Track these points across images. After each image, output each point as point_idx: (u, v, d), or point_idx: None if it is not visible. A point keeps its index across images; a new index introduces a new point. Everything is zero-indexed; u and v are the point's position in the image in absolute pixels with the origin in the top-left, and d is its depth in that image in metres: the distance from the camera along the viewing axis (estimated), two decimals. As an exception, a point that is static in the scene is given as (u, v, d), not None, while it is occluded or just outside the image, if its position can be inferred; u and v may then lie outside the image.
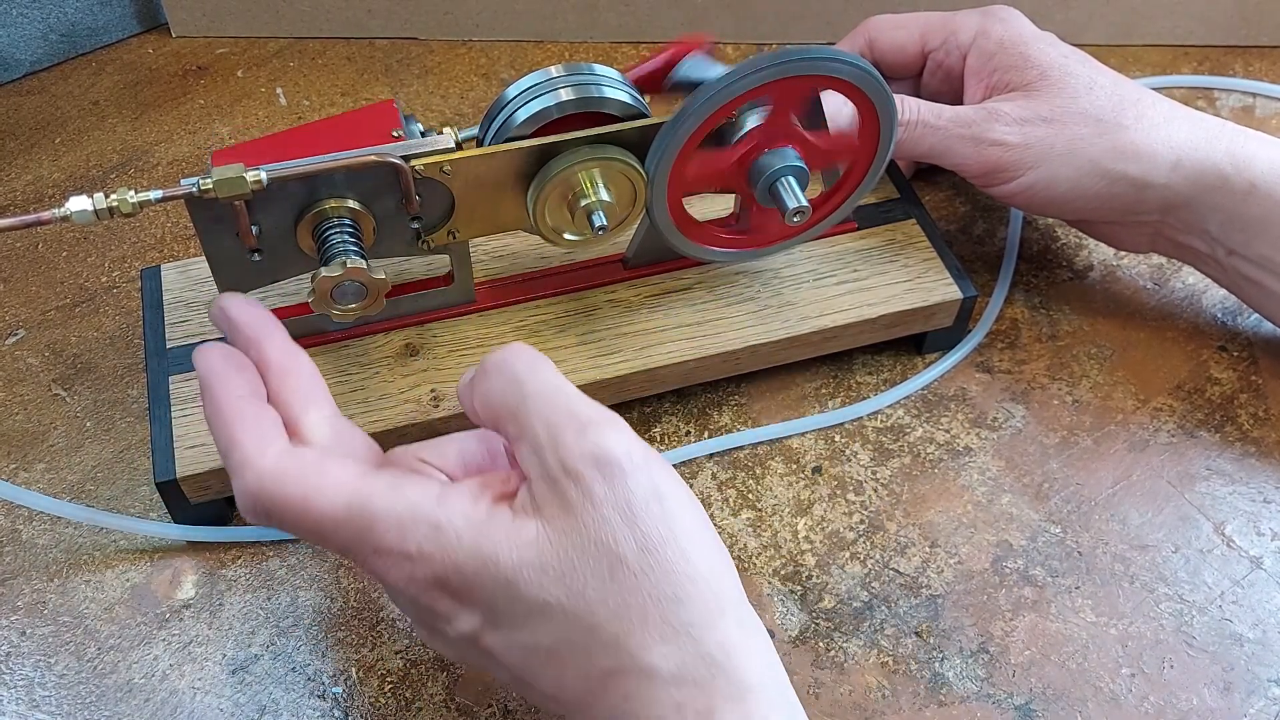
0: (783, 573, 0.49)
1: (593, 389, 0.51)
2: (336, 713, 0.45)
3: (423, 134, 0.46)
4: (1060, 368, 0.56)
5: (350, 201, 0.45)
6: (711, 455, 0.52)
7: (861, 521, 0.50)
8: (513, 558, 0.35)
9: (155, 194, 0.43)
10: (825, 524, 0.50)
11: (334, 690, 0.45)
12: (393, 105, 0.47)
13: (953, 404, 0.55)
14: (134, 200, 0.42)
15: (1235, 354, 0.57)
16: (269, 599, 0.48)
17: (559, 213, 0.48)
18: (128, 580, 0.48)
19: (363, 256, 0.45)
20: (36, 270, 0.60)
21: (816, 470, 0.52)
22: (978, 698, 0.45)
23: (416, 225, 0.47)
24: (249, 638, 0.47)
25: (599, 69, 0.48)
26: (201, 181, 0.42)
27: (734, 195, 0.52)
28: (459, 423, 0.49)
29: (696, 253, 0.52)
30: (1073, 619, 0.48)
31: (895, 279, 0.54)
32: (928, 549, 0.50)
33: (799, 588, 0.48)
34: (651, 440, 0.53)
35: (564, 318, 0.52)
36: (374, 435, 0.48)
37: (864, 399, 0.54)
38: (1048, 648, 0.47)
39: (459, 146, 0.46)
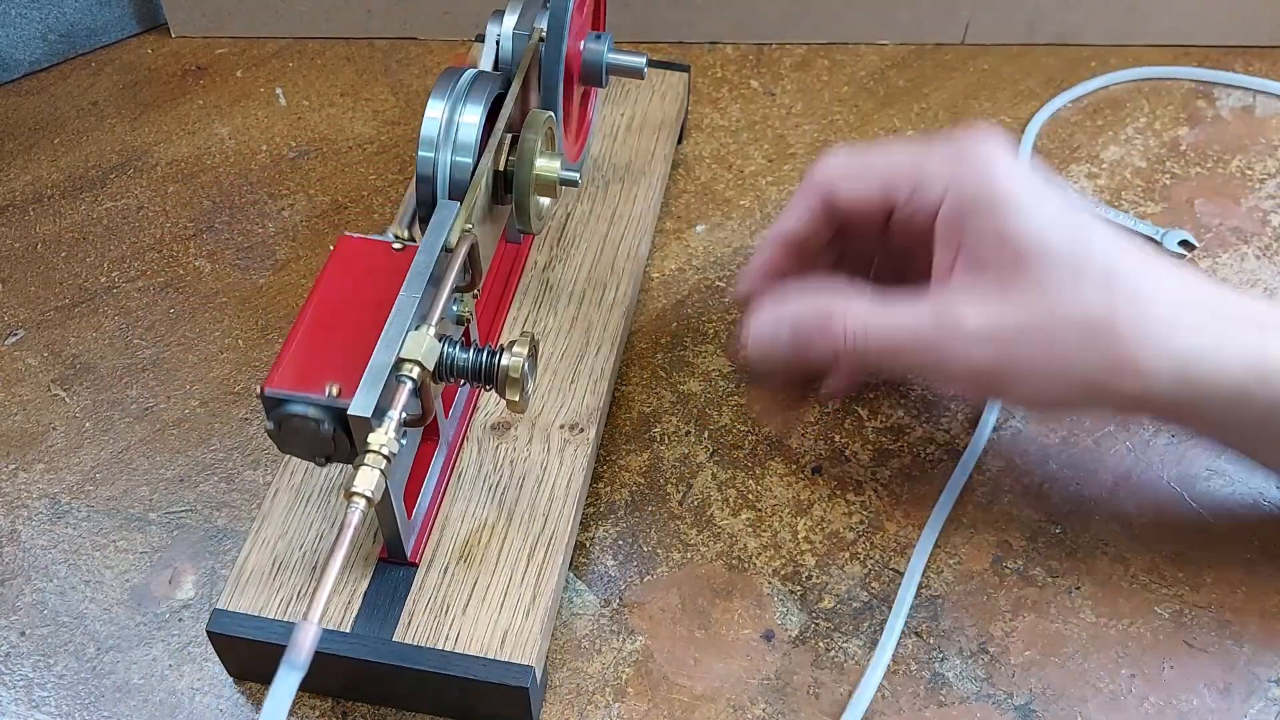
0: (783, 573, 0.49)
1: None
2: (336, 712, 0.45)
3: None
4: (1060, 368, 0.56)
5: None
6: (711, 455, 0.52)
7: (861, 521, 0.50)
8: None
9: None
10: (825, 524, 0.50)
11: (333, 691, 0.45)
12: None
13: (953, 404, 0.54)
14: None
15: (1235, 354, 0.57)
16: (268, 599, 0.48)
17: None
18: (127, 581, 0.48)
19: None
20: (36, 270, 0.60)
21: (816, 470, 0.52)
22: (978, 698, 0.45)
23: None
24: (248, 638, 0.47)
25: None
26: None
27: None
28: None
29: None
30: (1073, 619, 0.48)
31: None
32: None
33: (799, 588, 0.48)
34: (651, 440, 0.53)
35: None
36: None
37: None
38: (1048, 648, 0.47)
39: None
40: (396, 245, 0.43)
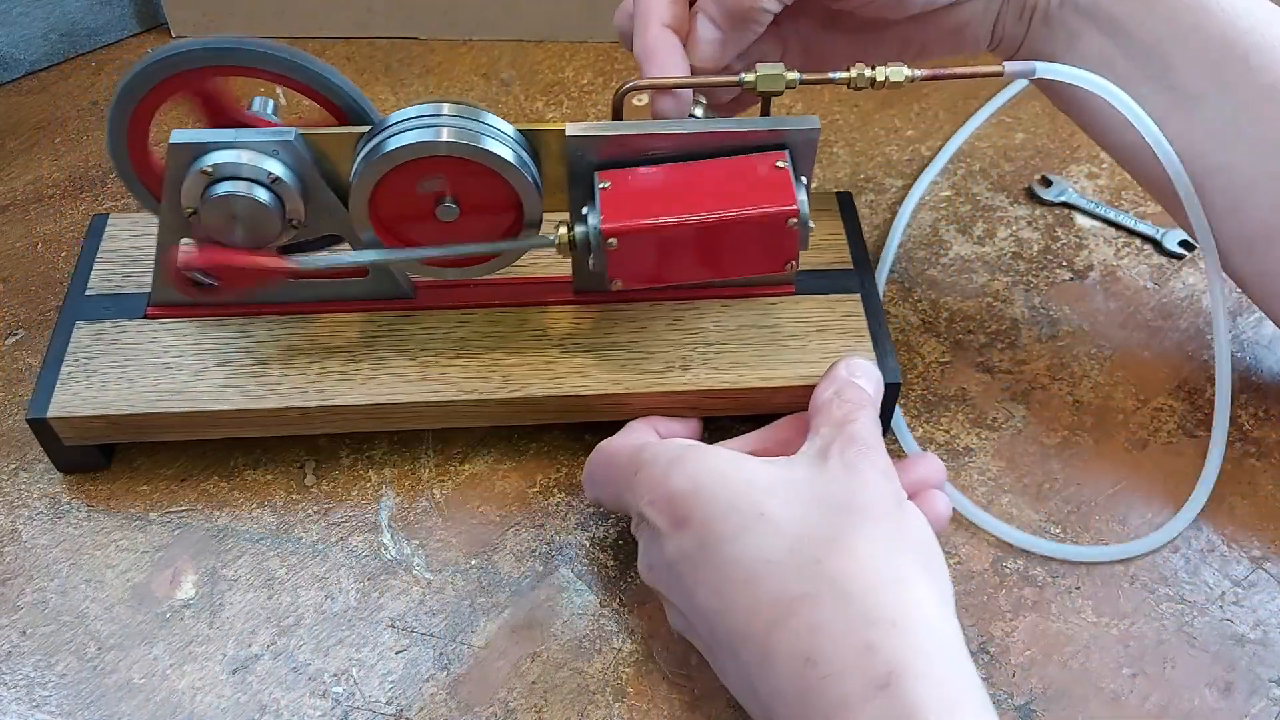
0: (783, 573, 0.49)
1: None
2: (337, 713, 0.45)
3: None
4: (1060, 368, 0.56)
5: None
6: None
7: (862, 521, 0.50)
8: (743, 474, 0.42)
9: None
10: (825, 524, 0.50)
11: (334, 690, 0.45)
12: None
13: (953, 404, 0.55)
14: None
15: (1235, 354, 0.57)
16: (269, 598, 0.48)
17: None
18: (128, 580, 0.48)
19: None
20: (36, 270, 0.60)
21: (817, 470, 0.52)
22: (978, 698, 0.45)
23: None
24: (249, 637, 0.47)
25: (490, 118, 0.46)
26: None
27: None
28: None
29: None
30: (1073, 619, 0.48)
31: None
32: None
33: (799, 588, 0.48)
34: (652, 440, 0.53)
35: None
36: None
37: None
38: (1048, 648, 0.47)
39: None
40: None
